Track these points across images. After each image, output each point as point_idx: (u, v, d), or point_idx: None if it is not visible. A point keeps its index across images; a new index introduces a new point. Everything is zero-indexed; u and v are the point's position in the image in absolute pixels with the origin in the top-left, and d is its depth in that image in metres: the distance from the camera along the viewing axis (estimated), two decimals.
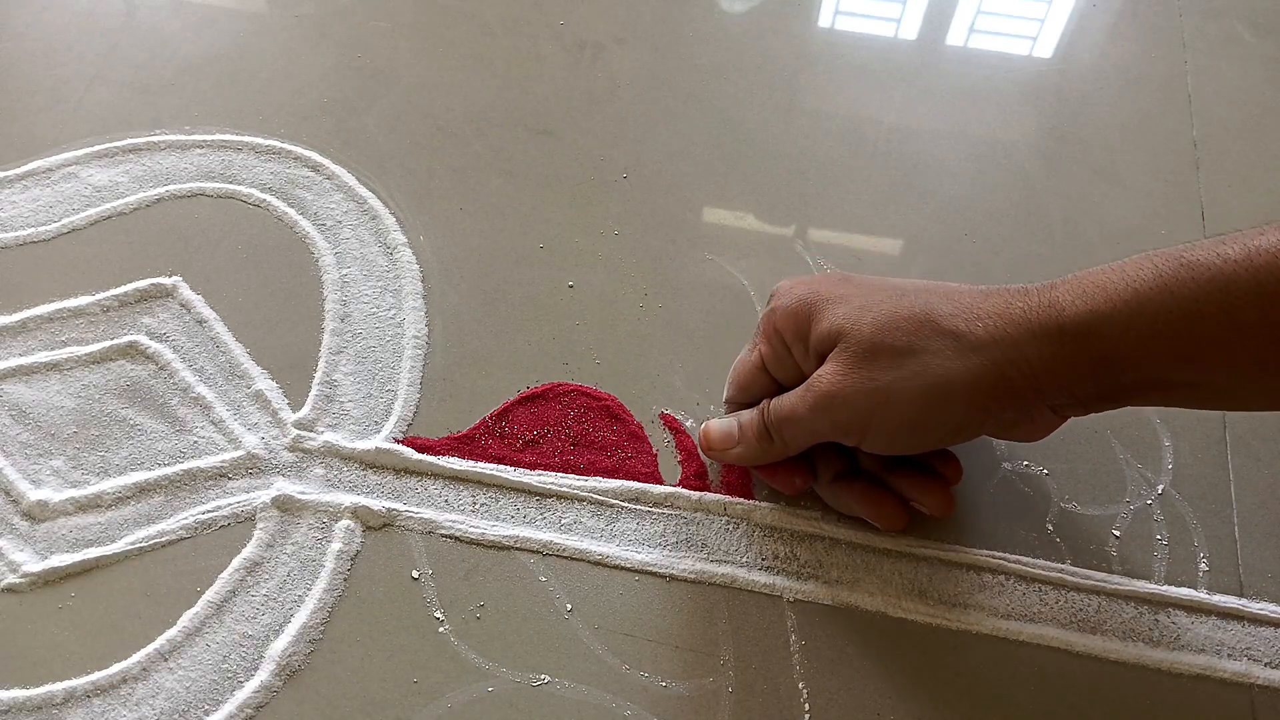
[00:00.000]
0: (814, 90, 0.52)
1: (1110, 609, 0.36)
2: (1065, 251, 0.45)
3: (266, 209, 0.46)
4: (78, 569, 0.36)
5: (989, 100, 0.51)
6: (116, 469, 0.38)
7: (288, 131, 0.49)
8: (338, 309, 0.43)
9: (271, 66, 0.51)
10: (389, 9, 0.54)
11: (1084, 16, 0.55)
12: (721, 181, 0.48)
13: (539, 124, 0.50)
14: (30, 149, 0.47)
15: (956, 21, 0.55)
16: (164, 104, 0.50)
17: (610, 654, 0.35)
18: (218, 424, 0.39)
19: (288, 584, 0.36)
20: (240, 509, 0.37)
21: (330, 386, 0.40)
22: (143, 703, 0.33)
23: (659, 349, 0.42)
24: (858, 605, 0.36)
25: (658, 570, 0.36)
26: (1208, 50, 0.53)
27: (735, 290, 0.44)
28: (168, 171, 0.47)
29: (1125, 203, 0.47)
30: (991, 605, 0.36)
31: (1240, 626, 0.35)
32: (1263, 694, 0.34)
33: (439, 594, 0.36)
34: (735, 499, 0.38)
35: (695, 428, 0.40)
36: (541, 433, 0.40)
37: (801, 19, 0.55)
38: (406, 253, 0.44)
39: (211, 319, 0.42)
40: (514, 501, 0.38)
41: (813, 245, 0.45)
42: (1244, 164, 0.48)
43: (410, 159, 0.48)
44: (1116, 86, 0.52)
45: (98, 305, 0.42)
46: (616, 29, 0.54)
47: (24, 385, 0.40)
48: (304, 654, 0.34)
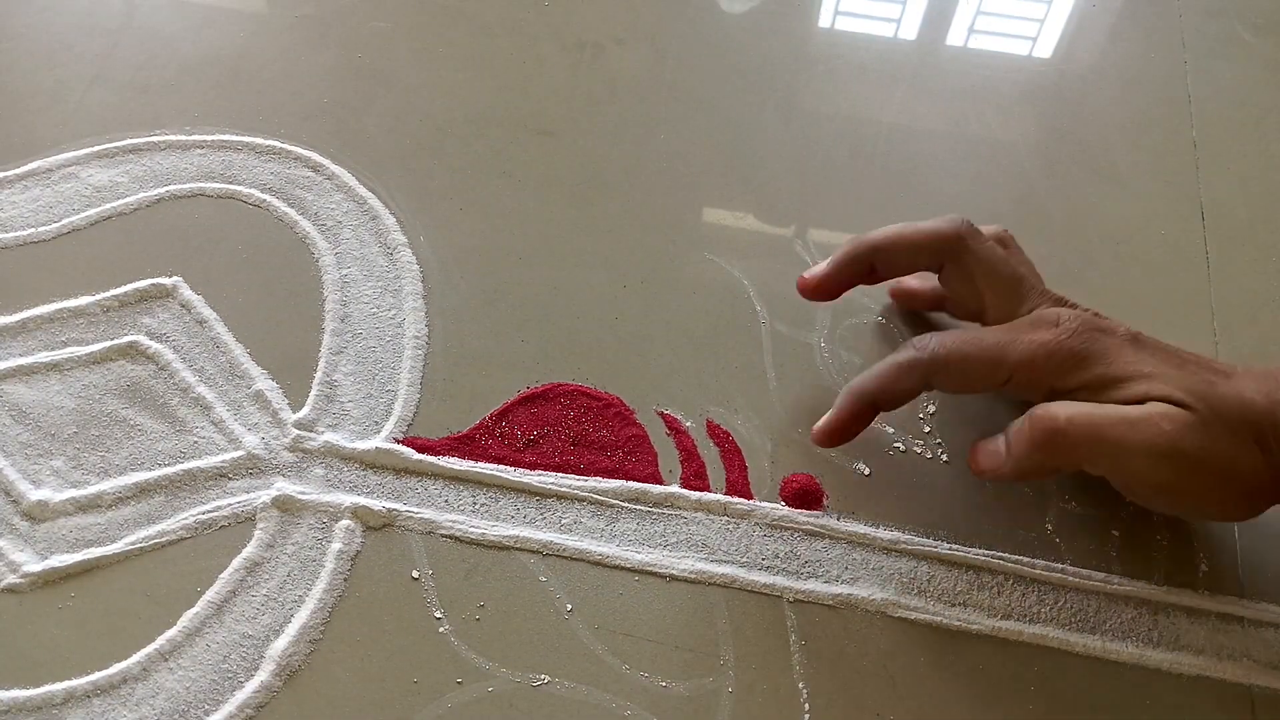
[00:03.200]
0: (814, 90, 0.52)
1: (1110, 609, 0.36)
2: (1065, 251, 0.45)
3: (267, 209, 0.46)
4: (78, 569, 0.36)
5: (988, 100, 0.51)
6: (117, 469, 0.38)
7: (288, 132, 0.49)
8: (338, 309, 0.43)
9: (272, 67, 0.51)
10: (389, 9, 0.54)
11: (1084, 17, 0.55)
12: (721, 181, 0.48)
13: (539, 124, 0.50)
14: (30, 149, 0.47)
15: (956, 22, 0.55)
16: (164, 104, 0.50)
17: (610, 654, 0.35)
18: (218, 424, 0.39)
19: (288, 584, 0.36)
20: (240, 509, 0.37)
21: (330, 387, 0.40)
22: (143, 703, 0.33)
23: (659, 349, 0.42)
24: (858, 605, 0.36)
25: (658, 570, 0.36)
26: (1208, 51, 0.53)
27: (735, 290, 0.44)
28: (168, 172, 0.47)
29: (1125, 203, 0.47)
30: (991, 605, 0.36)
31: (1240, 628, 0.35)
32: (1263, 695, 0.34)
33: (439, 594, 0.36)
34: (735, 499, 0.38)
35: (695, 428, 0.40)
36: (542, 433, 0.40)
37: (801, 19, 0.55)
38: (407, 253, 0.44)
39: (212, 319, 0.42)
40: (514, 501, 0.38)
41: (813, 245, 0.45)
42: (1244, 164, 0.48)
43: (410, 159, 0.48)
44: (1116, 87, 0.52)
45: (98, 305, 0.42)
46: (616, 29, 0.54)
47: (24, 385, 0.40)
48: (304, 654, 0.34)
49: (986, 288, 0.35)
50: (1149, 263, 0.45)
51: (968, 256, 0.35)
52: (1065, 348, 0.33)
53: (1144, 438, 0.31)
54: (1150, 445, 0.31)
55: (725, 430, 0.40)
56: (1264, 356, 0.42)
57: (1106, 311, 0.42)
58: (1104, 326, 0.34)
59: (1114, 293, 0.44)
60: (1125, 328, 0.34)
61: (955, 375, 0.34)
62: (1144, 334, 0.34)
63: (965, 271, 0.35)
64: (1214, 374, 0.33)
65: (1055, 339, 0.33)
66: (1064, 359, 0.33)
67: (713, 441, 0.40)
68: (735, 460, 0.39)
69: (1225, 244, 0.45)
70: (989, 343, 0.34)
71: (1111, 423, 0.32)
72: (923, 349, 0.34)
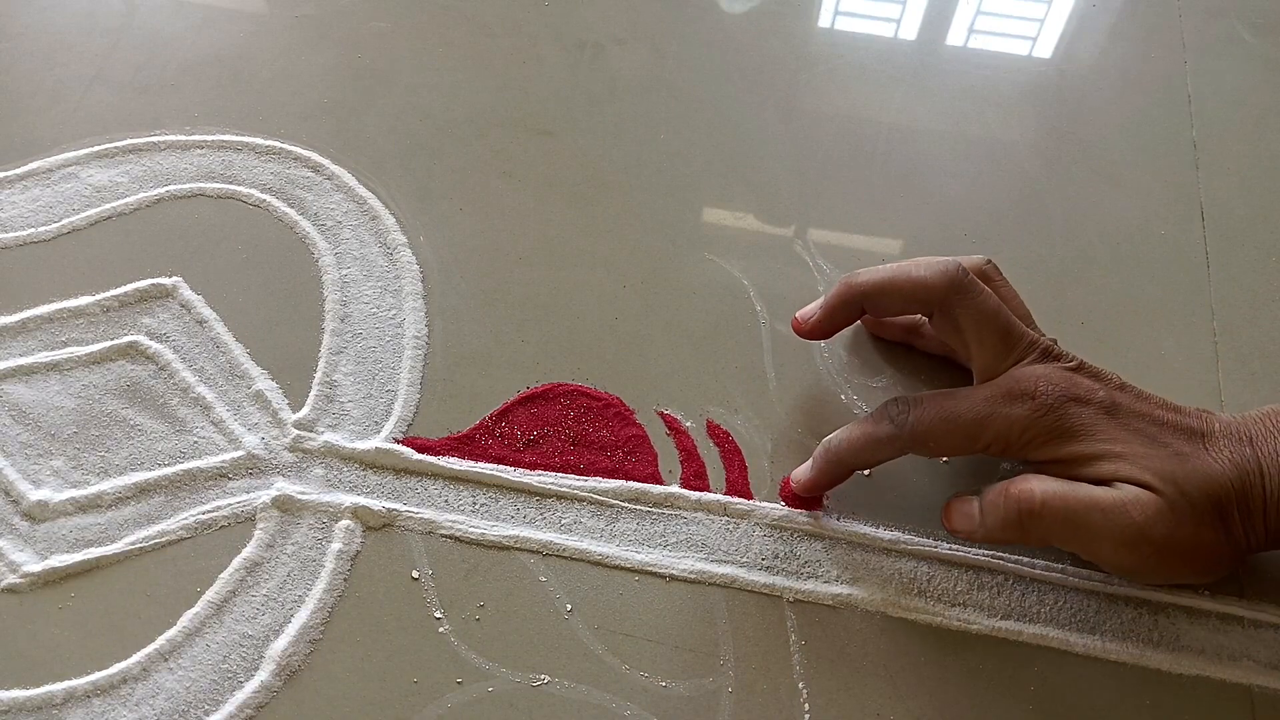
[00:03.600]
0: (814, 90, 0.52)
1: (1110, 610, 0.36)
2: (1065, 251, 0.45)
3: (267, 209, 0.46)
4: (78, 569, 0.36)
5: (989, 100, 0.51)
6: (117, 469, 0.38)
7: (288, 132, 0.49)
8: (338, 309, 0.43)
9: (272, 67, 0.51)
10: (389, 9, 0.54)
11: (1084, 17, 0.55)
12: (721, 181, 0.48)
13: (539, 124, 0.50)
14: (30, 149, 0.47)
15: (956, 22, 0.55)
16: (164, 104, 0.50)
17: (610, 654, 0.35)
18: (218, 424, 0.39)
19: (288, 584, 0.36)
20: (240, 509, 0.37)
21: (330, 387, 0.40)
22: (143, 703, 0.33)
23: (659, 349, 0.42)
24: (858, 605, 0.36)
25: (657, 570, 0.36)
26: (1208, 50, 0.53)
27: (735, 290, 0.44)
28: (168, 172, 0.47)
29: (1125, 203, 0.47)
30: (991, 605, 0.36)
31: (1240, 629, 0.35)
32: (1263, 696, 0.34)
33: (439, 594, 0.36)
34: (735, 499, 0.38)
35: (695, 428, 0.40)
36: (541, 433, 0.40)
37: (801, 19, 0.55)
38: (406, 253, 0.44)
39: (211, 319, 0.42)
40: (514, 502, 0.38)
41: (813, 245, 0.45)
42: (1244, 164, 0.48)
43: (410, 159, 0.48)
44: (1116, 87, 0.52)
45: (98, 305, 0.42)
46: (616, 29, 0.54)
47: (24, 385, 0.40)
48: (304, 654, 0.34)
49: (974, 341, 0.35)
50: (1149, 262, 0.45)
51: (958, 311, 0.35)
52: (1039, 425, 0.33)
53: (1114, 526, 0.32)
54: (1119, 534, 0.32)
55: (725, 430, 0.40)
56: (1263, 356, 0.42)
57: (1107, 312, 0.42)
58: (1081, 395, 0.33)
59: (1114, 292, 0.44)
60: (1104, 391, 0.34)
61: (933, 448, 0.35)
62: (1125, 392, 0.34)
63: (954, 324, 0.35)
64: (1190, 442, 0.33)
65: (1030, 416, 0.33)
66: (1037, 434, 0.33)
67: (713, 441, 0.40)
68: (735, 460, 0.39)
69: (1225, 244, 0.45)
70: (967, 419, 0.34)
71: (1085, 508, 0.32)
72: (901, 425, 0.34)
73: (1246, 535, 0.32)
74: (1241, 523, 0.32)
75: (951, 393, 0.35)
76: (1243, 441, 0.33)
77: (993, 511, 0.34)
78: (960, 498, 0.36)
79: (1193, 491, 0.32)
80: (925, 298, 0.35)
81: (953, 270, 0.35)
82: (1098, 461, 0.33)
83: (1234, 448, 0.32)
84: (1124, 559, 0.33)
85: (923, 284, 0.35)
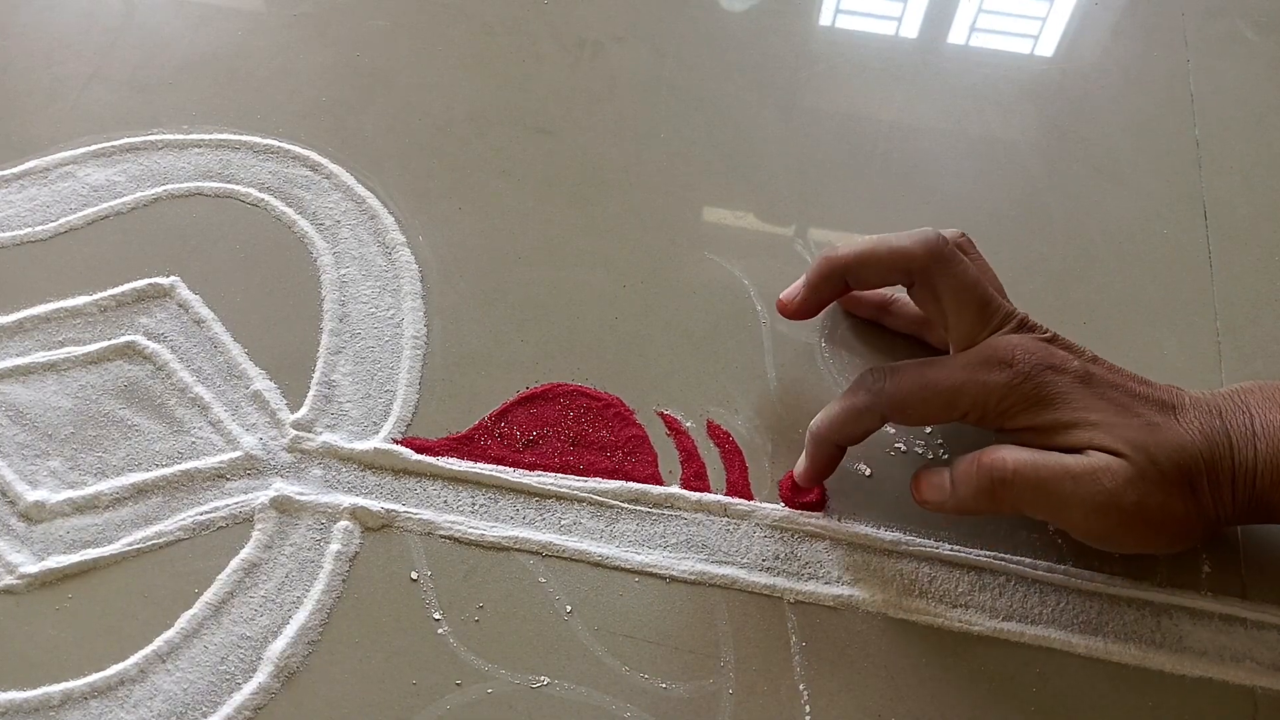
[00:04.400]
0: (814, 89, 0.51)
1: (1112, 611, 0.36)
2: (1066, 251, 0.45)
3: (265, 208, 0.46)
4: (75, 570, 0.36)
5: (990, 99, 0.51)
6: (114, 470, 0.38)
7: (286, 131, 0.48)
8: (336, 309, 0.42)
9: (270, 65, 0.51)
10: (387, 7, 0.54)
11: (1086, 15, 0.55)
12: (721, 181, 0.47)
13: (539, 124, 0.49)
14: (27, 148, 0.47)
15: (957, 20, 0.55)
16: (162, 103, 0.49)
17: (610, 655, 0.35)
18: (215, 424, 0.39)
19: (286, 585, 0.36)
20: (238, 510, 0.37)
21: (329, 387, 0.40)
22: (140, 705, 0.33)
23: (659, 349, 0.42)
24: (858, 606, 0.36)
25: (657, 571, 0.36)
26: (1210, 49, 0.53)
27: (735, 290, 0.44)
28: (165, 171, 0.47)
29: (1127, 202, 0.47)
30: (993, 606, 0.36)
31: (1243, 630, 0.35)
32: (1266, 697, 0.34)
33: (438, 595, 0.36)
34: (736, 500, 0.38)
35: (695, 428, 0.40)
36: (541, 433, 0.39)
37: (801, 18, 0.55)
38: (405, 252, 0.44)
39: (209, 319, 0.42)
40: (513, 502, 0.38)
41: (813, 245, 0.45)
42: (1246, 163, 0.48)
43: (409, 158, 0.48)
44: (1118, 85, 0.52)
45: (95, 305, 0.42)
46: (616, 28, 0.54)
47: (21, 385, 0.40)
48: (302, 655, 0.34)
49: (953, 310, 0.35)
50: (1151, 262, 0.45)
51: (937, 279, 0.35)
52: (1017, 392, 0.33)
53: (1084, 493, 0.32)
54: (1089, 500, 0.32)
55: (725, 430, 0.40)
56: (1266, 356, 0.42)
57: (1109, 311, 0.42)
58: (1056, 364, 0.34)
59: (1116, 292, 0.44)
60: (1078, 362, 0.34)
61: (911, 415, 0.35)
62: (1098, 364, 0.34)
63: (933, 293, 0.35)
64: (1161, 413, 0.33)
65: (1007, 383, 0.33)
66: (1014, 402, 0.33)
67: (713, 442, 0.39)
68: (735, 461, 0.39)
69: (1228, 243, 0.45)
70: (944, 386, 0.34)
71: (1056, 476, 0.32)
72: (878, 393, 0.34)
73: (1215, 506, 0.33)
74: (1210, 493, 0.32)
75: (929, 361, 0.35)
76: (1212, 414, 0.33)
77: (965, 481, 0.34)
78: (929, 469, 0.36)
79: (1163, 460, 0.32)
80: (906, 266, 0.35)
81: (933, 239, 0.35)
82: (1072, 429, 0.33)
83: (1204, 419, 0.33)
84: (1094, 525, 0.33)
85: (904, 252, 0.35)
